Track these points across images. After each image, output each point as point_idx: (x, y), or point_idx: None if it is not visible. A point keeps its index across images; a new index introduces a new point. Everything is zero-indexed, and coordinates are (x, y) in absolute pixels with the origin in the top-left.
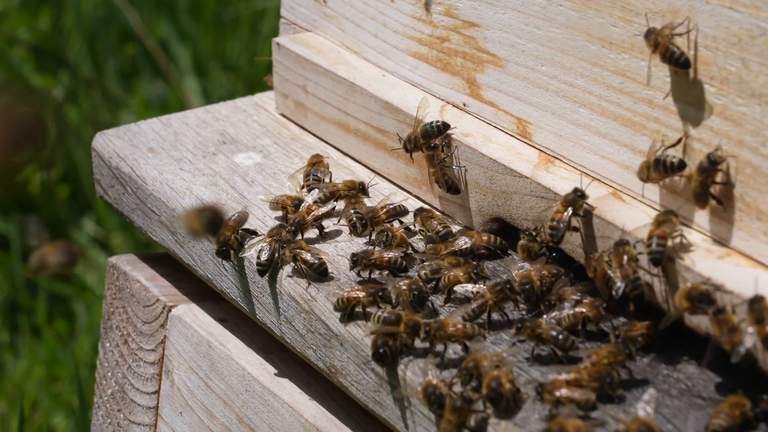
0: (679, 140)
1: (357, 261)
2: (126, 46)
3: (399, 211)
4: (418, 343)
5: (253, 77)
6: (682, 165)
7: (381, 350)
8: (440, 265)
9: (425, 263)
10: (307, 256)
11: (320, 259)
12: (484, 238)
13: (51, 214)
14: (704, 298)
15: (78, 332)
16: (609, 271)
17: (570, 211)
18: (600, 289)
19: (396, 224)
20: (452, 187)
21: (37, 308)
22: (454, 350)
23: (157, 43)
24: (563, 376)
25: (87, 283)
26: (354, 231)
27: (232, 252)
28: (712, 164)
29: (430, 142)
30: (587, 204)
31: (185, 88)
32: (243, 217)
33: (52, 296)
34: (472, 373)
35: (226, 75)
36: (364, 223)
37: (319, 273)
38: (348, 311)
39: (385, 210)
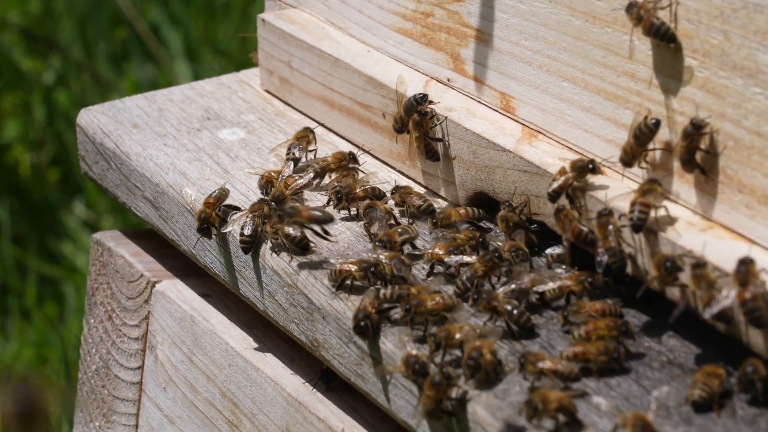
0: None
1: (341, 197)
2: (117, 30)
3: (377, 194)
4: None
5: (244, 61)
6: (657, 123)
7: (362, 323)
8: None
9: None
10: (289, 231)
11: (301, 233)
12: (462, 211)
13: (41, 198)
14: (672, 265)
15: (67, 314)
16: (582, 227)
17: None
18: (567, 243)
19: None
20: (432, 153)
21: (27, 291)
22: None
23: (148, 26)
24: (571, 349)
25: (77, 266)
26: (331, 203)
27: (213, 229)
28: (695, 128)
29: (421, 109)
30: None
31: (176, 72)
32: (223, 194)
33: (42, 279)
34: (440, 342)
35: (216, 59)
36: (340, 198)
37: (300, 247)
38: (339, 283)
39: (362, 188)
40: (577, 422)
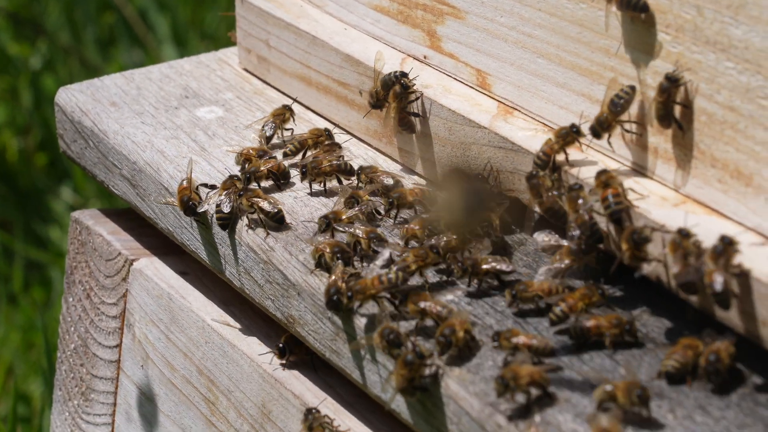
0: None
1: (306, 171)
2: (104, 15)
3: (344, 169)
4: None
5: (232, 45)
6: (633, 88)
7: (335, 298)
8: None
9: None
10: (265, 205)
11: (278, 207)
12: (417, 191)
13: (28, 182)
14: (640, 238)
15: (54, 299)
16: (555, 200)
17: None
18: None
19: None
20: (408, 125)
21: (14, 275)
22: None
23: (136, 11)
24: (585, 323)
25: (64, 251)
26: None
27: (199, 206)
28: (671, 82)
29: (404, 82)
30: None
31: (163, 57)
32: (191, 172)
33: (29, 263)
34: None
35: (204, 44)
36: (304, 172)
37: (276, 221)
38: (317, 261)
39: (329, 164)
40: (550, 396)
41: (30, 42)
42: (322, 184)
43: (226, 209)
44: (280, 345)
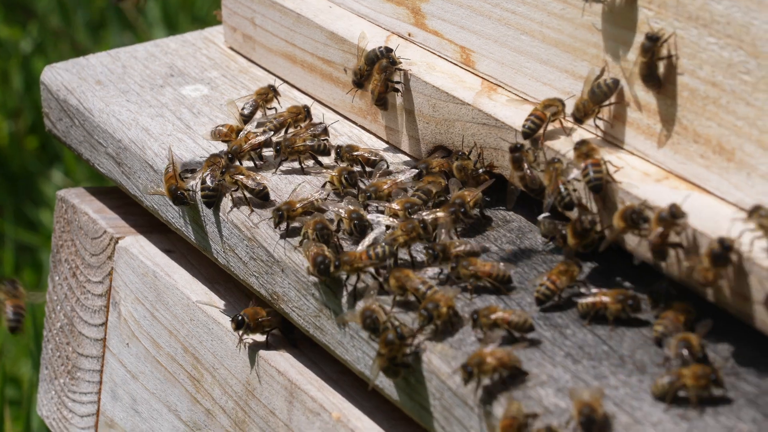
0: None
1: (280, 149)
2: None
3: (318, 149)
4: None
5: (217, 26)
6: (616, 82)
7: (321, 265)
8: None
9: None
10: (248, 182)
11: (262, 184)
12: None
13: (19, 166)
14: (638, 216)
15: (45, 281)
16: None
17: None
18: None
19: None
20: (383, 101)
21: (4, 258)
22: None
23: None
24: (589, 299)
25: None
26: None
27: (187, 195)
28: (651, 41)
29: (391, 56)
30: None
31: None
32: (174, 160)
33: (20, 246)
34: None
35: (195, 27)
36: (278, 149)
37: (261, 197)
38: (302, 237)
39: (303, 143)
40: (525, 374)
41: (21, 25)
42: (298, 162)
43: (210, 185)
44: (239, 317)
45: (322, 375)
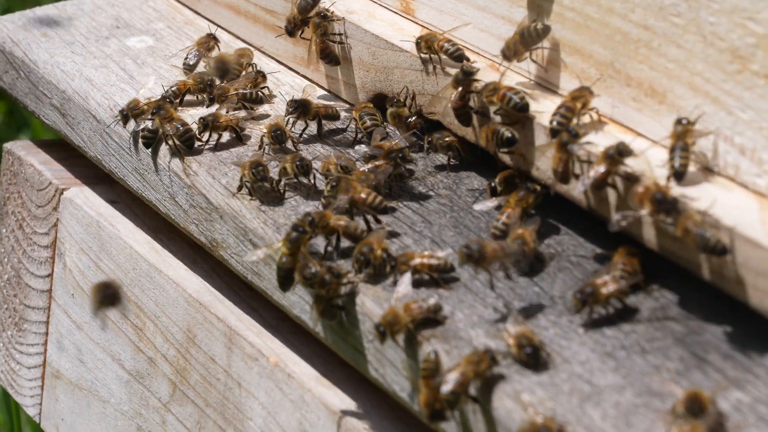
0: None
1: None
2: None
3: (249, 98)
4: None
5: None
6: (546, 29)
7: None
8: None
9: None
10: (174, 125)
11: (185, 125)
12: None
13: None
14: (669, 204)
15: None
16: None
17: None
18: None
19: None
20: (330, 57)
21: None
22: None
23: None
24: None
25: None
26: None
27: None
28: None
29: (321, 12)
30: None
31: None
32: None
33: None
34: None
35: None
36: (212, 98)
37: (184, 142)
38: (240, 184)
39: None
40: (444, 318)
41: None
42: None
43: (150, 128)
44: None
45: (261, 321)
